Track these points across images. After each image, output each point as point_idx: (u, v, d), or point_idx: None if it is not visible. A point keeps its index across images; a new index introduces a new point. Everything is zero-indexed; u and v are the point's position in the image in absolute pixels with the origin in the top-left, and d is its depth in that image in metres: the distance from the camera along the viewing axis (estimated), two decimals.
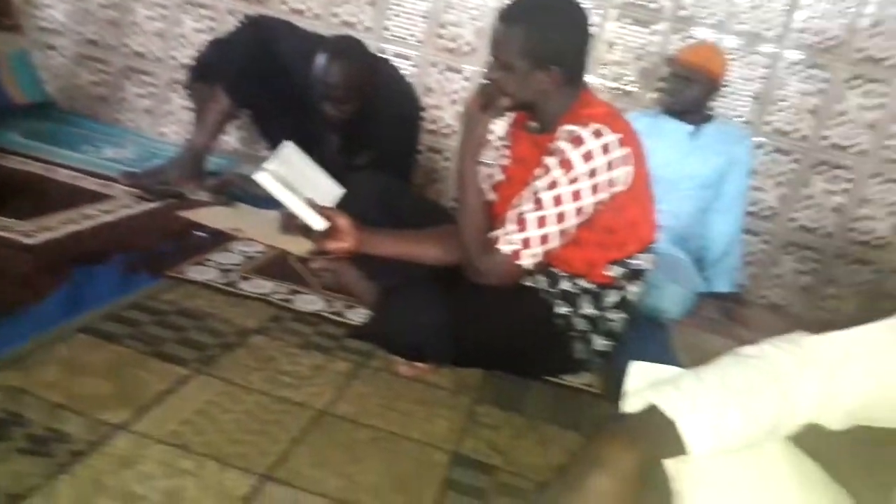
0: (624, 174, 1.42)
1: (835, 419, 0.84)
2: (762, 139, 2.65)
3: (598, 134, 1.39)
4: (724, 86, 2.50)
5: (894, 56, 2.51)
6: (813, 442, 0.87)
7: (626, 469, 0.73)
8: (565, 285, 1.55)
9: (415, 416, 1.39)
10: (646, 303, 1.99)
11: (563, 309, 1.56)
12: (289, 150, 1.61)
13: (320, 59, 2.09)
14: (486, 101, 1.48)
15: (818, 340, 0.85)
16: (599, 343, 1.59)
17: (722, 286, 2.44)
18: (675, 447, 0.78)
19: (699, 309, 2.29)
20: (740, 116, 2.65)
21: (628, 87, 2.71)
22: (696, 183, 2.34)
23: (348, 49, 2.13)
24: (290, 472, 1.15)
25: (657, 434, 0.78)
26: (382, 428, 1.33)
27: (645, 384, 0.87)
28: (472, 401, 1.50)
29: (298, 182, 1.51)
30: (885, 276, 2.72)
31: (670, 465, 0.79)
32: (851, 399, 0.81)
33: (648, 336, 2.01)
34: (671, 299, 2.13)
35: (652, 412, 0.79)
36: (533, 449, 1.37)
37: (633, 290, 1.57)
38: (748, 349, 0.88)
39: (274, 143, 1.88)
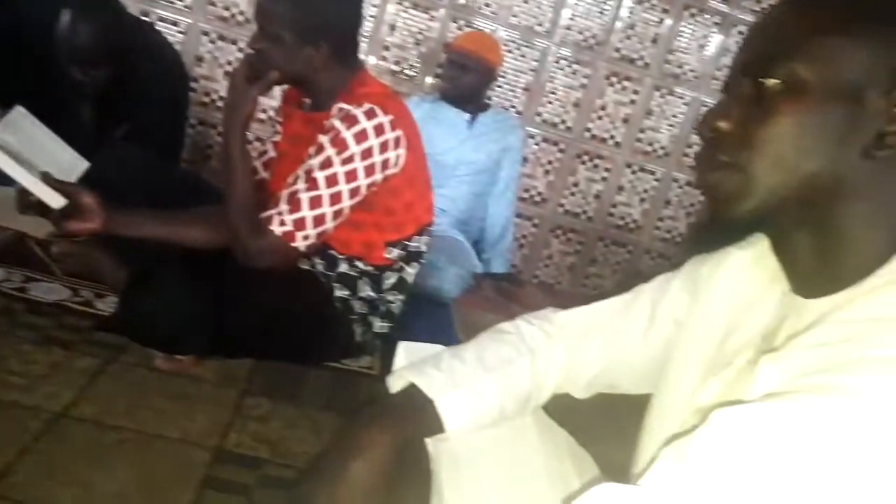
0: (396, 156, 1.41)
1: (580, 388, 0.89)
2: (533, 129, 2.82)
3: (370, 114, 1.36)
4: (499, 76, 2.61)
5: (645, 57, 2.80)
6: (562, 410, 0.92)
7: (381, 454, 0.71)
8: (343, 268, 1.51)
9: (171, 414, 1.28)
10: (427, 284, 2.03)
11: (341, 292, 1.52)
12: (19, 115, 1.40)
13: (65, 17, 1.84)
14: (253, 74, 1.39)
15: (566, 315, 0.90)
16: (378, 325, 1.58)
17: (498, 267, 2.57)
18: (435, 425, 0.78)
19: (478, 289, 2.39)
20: (513, 107, 2.79)
21: (409, 72, 2.73)
22: (472, 169, 2.43)
23: (98, 7, 1.90)
24: (15, 487, 0.99)
25: (417, 413, 0.77)
26: (132, 428, 1.21)
27: (411, 363, 0.86)
28: (239, 393, 1.42)
29: (31, 153, 1.32)
30: (638, 257, 3.04)
31: (430, 444, 0.79)
32: (593, 369, 0.86)
33: (430, 316, 2.05)
34: (451, 280, 2.19)
35: (412, 392, 0.79)
36: (306, 438, 1.32)
37: (410, 271, 1.58)
38: (505, 325, 0.91)
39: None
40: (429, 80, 2.73)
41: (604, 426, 1.03)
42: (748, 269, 0.73)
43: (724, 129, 0.61)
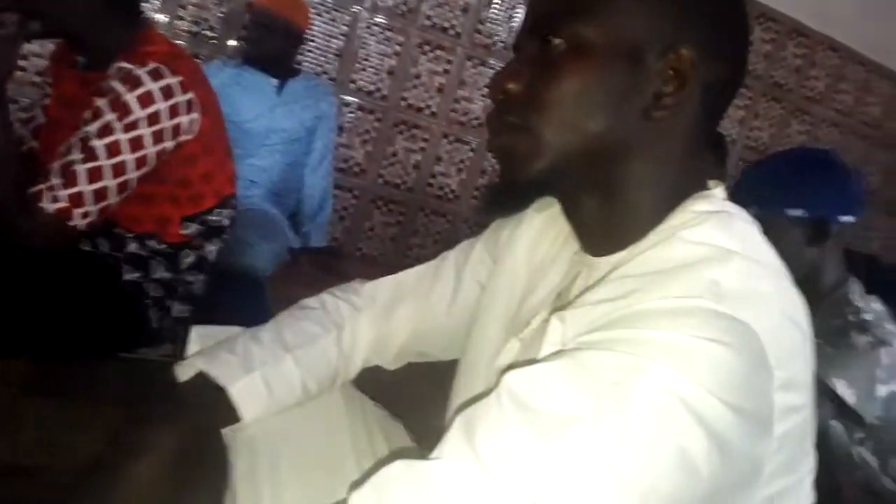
0: (189, 121, 1.30)
1: (390, 359, 0.88)
2: (348, 97, 2.76)
3: (156, 75, 1.24)
4: (309, 40, 2.52)
5: (457, 26, 2.83)
6: (373, 382, 0.90)
7: (167, 451, 0.65)
8: (133, 248, 1.38)
9: None
10: (238, 261, 1.92)
11: (131, 275, 1.39)
12: None
13: None
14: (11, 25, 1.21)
15: (372, 286, 0.88)
16: (177, 309, 1.46)
17: (318, 241, 2.49)
18: (230, 414, 0.73)
19: (296, 265, 2.31)
20: (326, 73, 2.71)
21: (209, 34, 2.56)
22: (284, 137, 2.33)
23: None
24: None
25: (207, 403, 0.71)
26: None
27: (204, 349, 0.80)
28: (13, 395, 1.25)
29: None
30: (457, 226, 3.10)
31: (228, 434, 0.73)
32: (402, 338, 0.85)
33: (242, 296, 1.95)
34: (264, 256, 2.09)
35: (202, 380, 0.73)
36: (100, 440, 1.20)
37: (211, 248, 1.47)
38: (309, 301, 0.87)
39: None
40: (231, 42, 2.57)
41: (418, 395, 1.03)
42: (544, 231, 0.75)
43: (513, 90, 0.61)
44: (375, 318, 0.84)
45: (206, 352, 0.76)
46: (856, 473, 1.38)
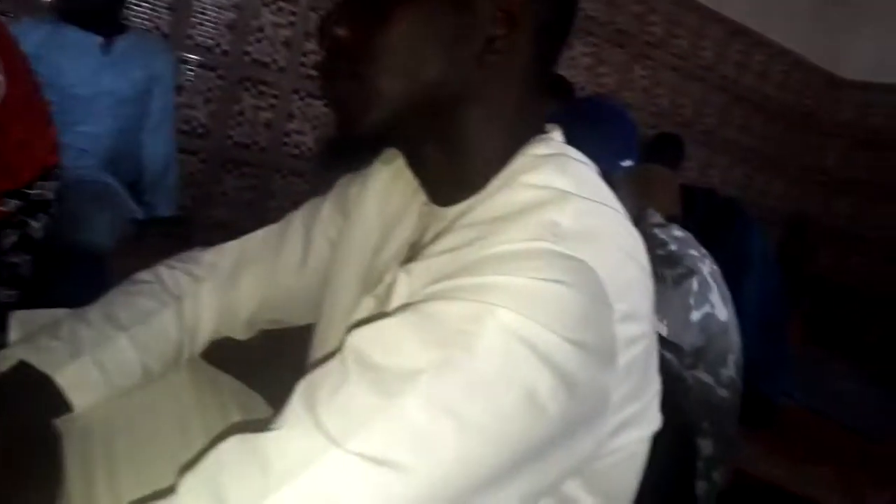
0: None
1: (240, 328, 0.84)
2: (185, 54, 2.59)
3: None
4: None
5: None
6: (225, 355, 0.86)
7: None
8: None
9: None
10: (74, 237, 1.77)
11: None
12: None
13: None
14: None
15: (214, 253, 0.83)
16: (4, 294, 1.34)
17: (164, 210, 2.35)
18: (59, 404, 0.67)
19: (143, 237, 2.17)
20: (159, 29, 2.52)
21: None
22: (114, 100, 2.14)
23: None
24: None
25: (31, 395, 0.65)
26: None
27: (26, 336, 0.73)
28: None
29: None
30: (318, 187, 3.02)
31: (61, 425, 0.68)
32: (251, 306, 0.82)
33: (80, 274, 1.81)
34: (102, 230, 1.94)
35: (23, 370, 0.66)
36: None
37: (36, 225, 1.35)
38: (143, 274, 0.81)
39: None
40: None
41: (275, 364, 1.00)
42: (393, 183, 0.74)
43: (342, 36, 0.58)
44: (219, 286, 0.80)
45: (29, 339, 0.70)
46: (693, 393, 1.50)
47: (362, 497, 0.45)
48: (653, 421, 0.62)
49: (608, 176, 1.37)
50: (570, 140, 1.36)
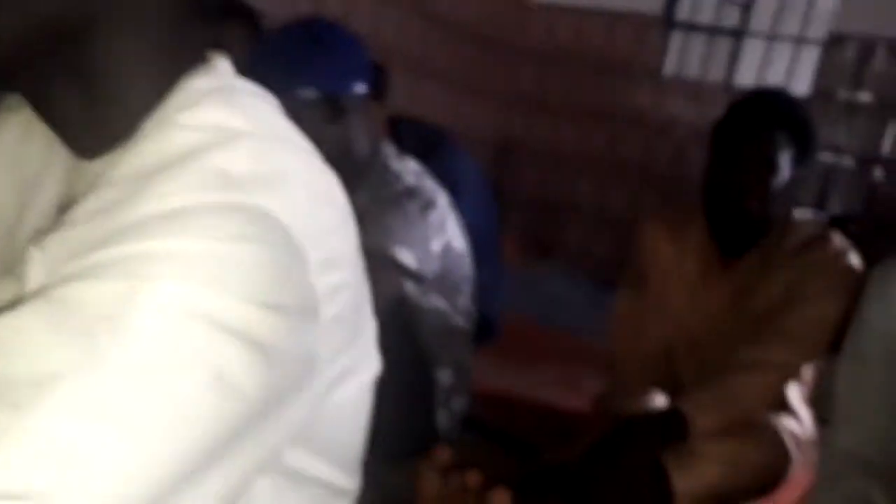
0: None
1: None
2: None
3: None
4: None
5: None
6: None
7: None
8: None
9: None
10: None
11: None
12: None
13: None
14: None
15: None
16: None
17: None
18: None
19: None
20: None
21: None
22: None
23: None
24: None
25: None
26: None
27: None
28: None
29: None
30: None
31: None
32: None
33: None
34: None
35: None
36: None
37: None
38: None
39: None
40: None
41: None
42: (28, 134, 0.60)
43: None
44: None
45: None
46: (431, 322, 1.56)
47: None
48: (372, 365, 0.59)
49: (338, 102, 1.31)
50: (291, 68, 1.25)
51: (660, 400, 1.46)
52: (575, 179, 5.03)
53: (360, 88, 1.30)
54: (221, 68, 0.54)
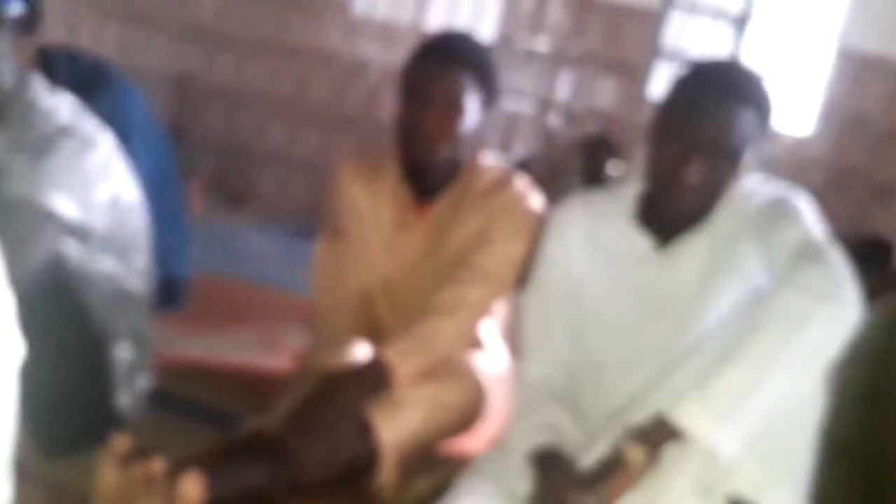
0: None
1: None
2: None
3: None
4: None
5: None
6: None
7: None
8: None
9: None
10: None
11: None
12: None
13: None
14: None
15: None
16: None
17: None
18: None
19: None
20: None
21: None
22: None
23: None
24: None
25: None
26: None
27: None
28: None
29: None
30: None
31: None
32: None
33: None
34: None
35: None
36: None
37: None
38: None
39: None
40: None
41: None
42: None
43: None
44: None
45: None
46: (102, 287, 1.37)
47: None
48: (13, 350, 0.53)
49: None
50: None
51: (364, 350, 1.45)
52: (264, 122, 4.86)
53: (14, 9, 1.09)
54: None
